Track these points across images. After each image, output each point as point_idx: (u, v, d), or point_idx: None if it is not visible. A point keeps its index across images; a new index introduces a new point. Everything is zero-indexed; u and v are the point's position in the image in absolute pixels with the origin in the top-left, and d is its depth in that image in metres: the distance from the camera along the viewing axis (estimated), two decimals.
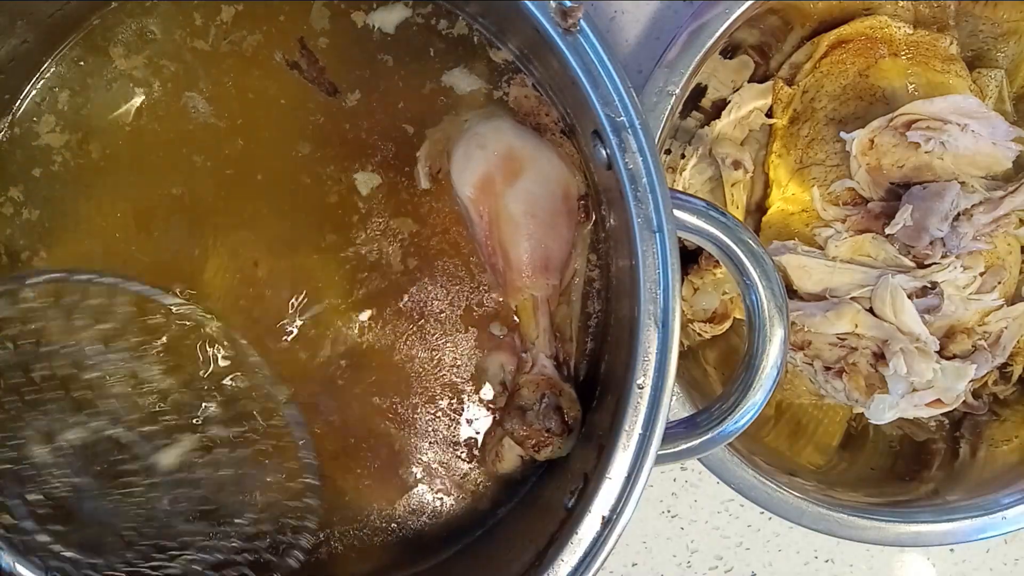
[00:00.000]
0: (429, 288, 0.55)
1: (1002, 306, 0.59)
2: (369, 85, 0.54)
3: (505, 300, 0.54)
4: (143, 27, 0.53)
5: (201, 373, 0.52)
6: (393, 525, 0.56)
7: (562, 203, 0.53)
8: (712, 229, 0.45)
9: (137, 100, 0.53)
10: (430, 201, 0.55)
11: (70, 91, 0.53)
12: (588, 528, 0.43)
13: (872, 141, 0.58)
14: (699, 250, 0.63)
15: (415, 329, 0.55)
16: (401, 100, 0.54)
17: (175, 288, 0.52)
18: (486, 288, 0.55)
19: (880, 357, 0.58)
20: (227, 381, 0.52)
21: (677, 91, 0.55)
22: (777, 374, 0.45)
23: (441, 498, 0.56)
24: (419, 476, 0.55)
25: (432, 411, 0.55)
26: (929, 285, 0.57)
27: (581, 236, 0.55)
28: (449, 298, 0.55)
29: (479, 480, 0.56)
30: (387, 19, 0.54)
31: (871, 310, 0.58)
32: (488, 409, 0.56)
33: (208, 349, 0.52)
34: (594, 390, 0.54)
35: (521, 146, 0.53)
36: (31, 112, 0.53)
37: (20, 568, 0.46)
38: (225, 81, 0.53)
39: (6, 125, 0.53)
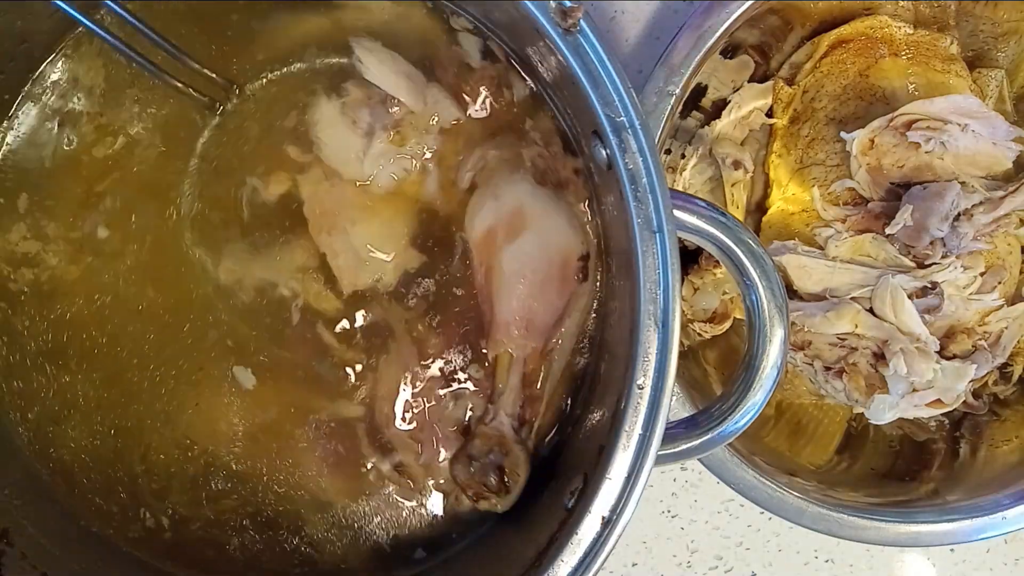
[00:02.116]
0: (426, 318, 0.55)
1: (1002, 306, 0.59)
2: None
3: (486, 348, 0.54)
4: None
5: None
6: (392, 524, 0.56)
7: (557, 269, 0.53)
8: (712, 229, 0.45)
9: None
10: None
11: None
12: (588, 528, 0.43)
13: (872, 141, 0.58)
14: (699, 250, 0.63)
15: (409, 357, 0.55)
16: None
17: None
18: (476, 329, 0.55)
19: (880, 357, 0.58)
20: None
21: (677, 91, 0.55)
22: (777, 374, 0.45)
23: (440, 498, 0.56)
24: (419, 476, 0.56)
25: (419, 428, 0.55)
26: (929, 285, 0.57)
27: (576, 297, 0.54)
28: (442, 329, 0.55)
29: None
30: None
31: (871, 310, 0.58)
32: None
33: None
34: (554, 463, 0.54)
35: (531, 205, 0.53)
36: None
37: None
38: None
39: None
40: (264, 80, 0.54)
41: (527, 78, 0.54)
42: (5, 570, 0.49)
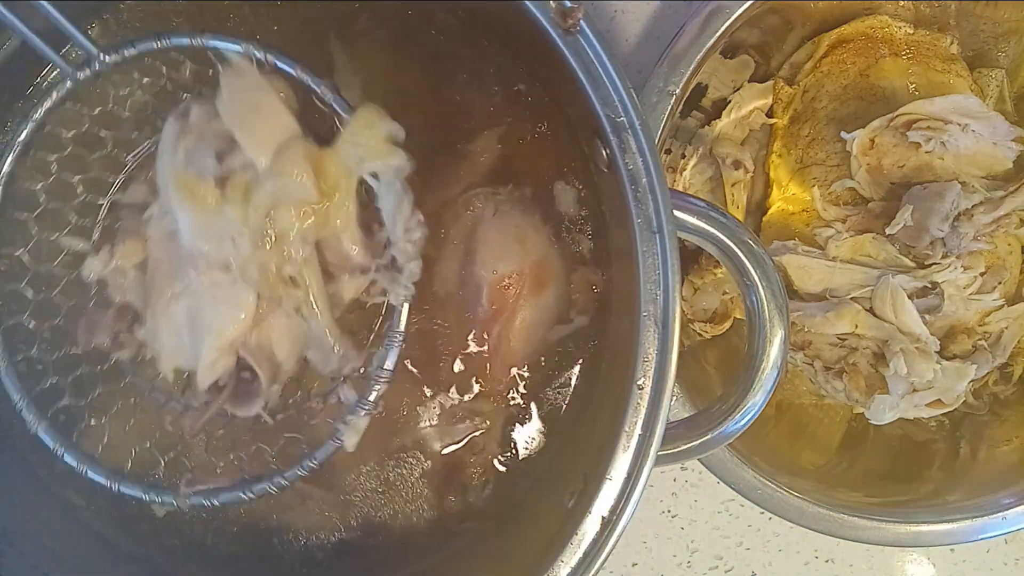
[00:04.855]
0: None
1: (1002, 306, 0.59)
2: None
3: (481, 380, 0.55)
4: None
5: None
6: (392, 523, 0.56)
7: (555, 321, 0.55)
8: (712, 229, 0.45)
9: None
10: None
11: None
12: (588, 528, 0.43)
13: (873, 141, 0.58)
14: (699, 250, 0.63)
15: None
16: None
17: None
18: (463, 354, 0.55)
19: (880, 357, 0.58)
20: None
21: (677, 91, 0.55)
22: (777, 374, 0.45)
23: (440, 498, 0.56)
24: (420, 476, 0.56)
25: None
26: (929, 285, 0.57)
27: None
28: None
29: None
30: None
31: (871, 310, 0.58)
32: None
33: None
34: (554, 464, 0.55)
35: (553, 258, 0.54)
36: None
37: None
38: None
39: None
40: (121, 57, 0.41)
41: None
42: (5, 570, 0.49)
